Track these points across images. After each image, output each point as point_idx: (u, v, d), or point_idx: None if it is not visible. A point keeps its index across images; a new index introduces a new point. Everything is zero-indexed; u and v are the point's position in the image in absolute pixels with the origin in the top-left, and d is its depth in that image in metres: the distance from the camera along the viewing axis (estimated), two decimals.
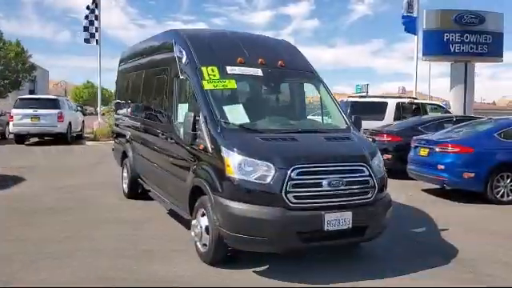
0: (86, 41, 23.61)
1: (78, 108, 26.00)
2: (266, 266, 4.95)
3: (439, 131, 10.59)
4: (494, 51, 20.77)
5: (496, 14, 21.09)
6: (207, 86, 5.45)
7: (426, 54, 21.04)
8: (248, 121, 5.27)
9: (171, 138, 5.98)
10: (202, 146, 5.04)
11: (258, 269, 4.89)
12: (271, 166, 4.50)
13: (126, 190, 8.36)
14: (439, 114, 14.38)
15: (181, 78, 5.85)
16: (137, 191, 8.21)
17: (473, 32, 20.24)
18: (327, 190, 4.58)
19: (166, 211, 7.27)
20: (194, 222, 5.18)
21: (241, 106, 5.49)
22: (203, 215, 5.04)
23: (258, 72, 5.85)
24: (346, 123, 5.80)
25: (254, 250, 4.79)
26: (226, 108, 5.32)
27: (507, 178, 8.59)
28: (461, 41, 20.20)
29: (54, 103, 19.53)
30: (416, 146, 9.65)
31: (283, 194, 4.43)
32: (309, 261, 5.11)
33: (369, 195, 4.81)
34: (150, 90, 7.22)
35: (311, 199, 4.53)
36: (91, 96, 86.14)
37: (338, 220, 4.57)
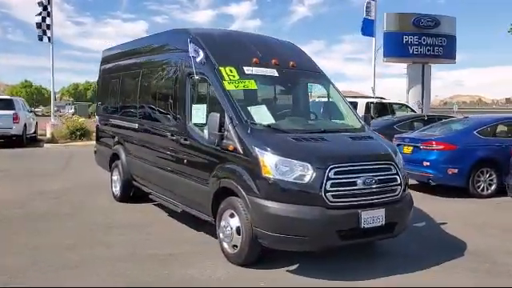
0: (40, 38, 22.53)
1: (31, 109, 24.81)
2: (297, 265, 4.99)
3: (415, 130, 11.06)
4: (448, 53, 21.89)
5: (450, 17, 22.23)
6: (229, 86, 5.41)
7: (387, 56, 21.84)
8: (273, 121, 5.29)
9: (185, 139, 5.87)
10: (231, 147, 4.99)
11: (289, 268, 4.92)
12: (309, 165, 4.55)
13: (118, 193, 8.10)
14: (411, 114, 14.97)
15: (196, 78, 5.77)
16: (129, 194, 8.00)
17: (429, 35, 21.22)
18: (362, 189, 4.69)
19: (166, 214, 7.16)
20: (222, 223, 5.12)
21: (264, 106, 5.49)
22: (232, 216, 5.00)
23: (274, 72, 5.89)
24: (360, 122, 5.95)
25: (291, 249, 4.82)
26: (250, 109, 5.31)
27: (486, 173, 9.11)
28: (418, 43, 21.13)
29: (8, 104, 18.53)
30: (399, 144, 9.98)
31: (323, 193, 4.49)
32: (333, 258, 5.18)
33: (396, 193, 4.97)
34: (152, 90, 7.04)
35: (348, 198, 4.62)
36: (29, 96, 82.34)
37: (373, 217, 4.69)
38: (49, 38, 22.44)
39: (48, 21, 22.33)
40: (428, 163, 9.09)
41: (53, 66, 22.73)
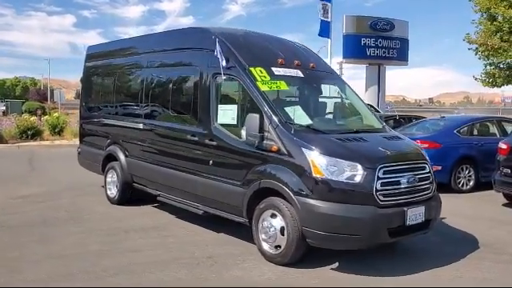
0: None
1: None
2: (337, 263, 5.08)
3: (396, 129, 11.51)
4: (401, 56, 22.88)
5: (403, 21, 23.23)
6: (263, 87, 5.41)
7: (346, 57, 22.50)
8: (310, 122, 5.34)
9: (210, 140, 5.77)
10: (274, 148, 4.99)
11: (332, 266, 5.01)
12: (359, 166, 4.66)
13: (115, 196, 7.81)
14: (381, 114, 15.52)
15: (223, 78, 5.70)
16: (128, 197, 7.74)
17: (385, 37, 22.06)
18: (406, 187, 4.88)
19: (173, 216, 7.02)
20: (263, 224, 5.11)
21: (299, 107, 5.53)
22: (273, 216, 5.01)
23: (299, 73, 5.95)
24: (381, 123, 6.15)
25: (341, 248, 4.93)
26: (287, 109, 5.33)
27: (466, 169, 9.73)
28: (375, 45, 21.92)
29: None
30: None
31: (374, 192, 4.62)
32: (365, 254, 5.30)
33: (430, 190, 5.21)
34: (164, 89, 6.85)
35: (395, 196, 4.79)
36: None
37: (416, 215, 4.89)
38: None
39: None
40: None
41: None
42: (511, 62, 15.44)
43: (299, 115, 5.29)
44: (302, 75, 5.95)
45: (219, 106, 5.81)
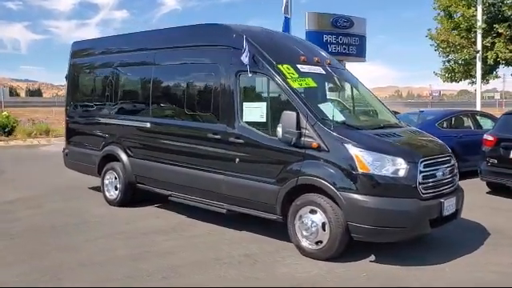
0: None
1: None
2: (373, 256, 5.21)
3: None
4: (360, 52, 23.57)
5: (362, 19, 23.93)
6: (294, 84, 5.43)
7: None
8: (343, 118, 5.43)
9: (236, 138, 5.72)
10: (315, 145, 5.03)
11: (369, 258, 5.14)
12: (402, 160, 4.81)
13: (116, 197, 7.56)
14: None
15: (249, 75, 5.66)
16: (130, 198, 7.51)
17: (345, 34, 22.64)
18: (441, 180, 5.11)
19: (184, 216, 6.92)
20: (302, 220, 5.14)
21: (330, 103, 5.60)
22: (313, 212, 5.07)
23: (321, 70, 6.03)
24: (396, 118, 6.35)
25: (385, 241, 5.05)
26: (320, 106, 5.39)
27: None
28: (336, 42, 22.44)
29: None
30: None
31: (417, 185, 4.79)
32: (394, 247, 5.46)
33: (455, 182, 5.47)
34: (178, 87, 6.68)
35: (433, 188, 5.00)
36: None
37: (450, 205, 5.14)
38: None
39: None
40: None
41: None
42: (468, 58, 16.35)
43: (332, 112, 5.36)
44: (324, 72, 6.04)
45: (244, 103, 5.76)
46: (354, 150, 4.84)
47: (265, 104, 5.62)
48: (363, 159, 4.78)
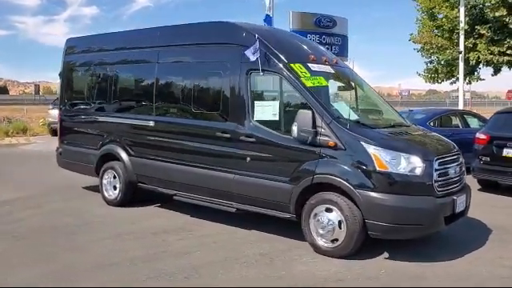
0: None
1: None
2: (385, 253, 5.28)
3: None
4: (342, 52, 23.73)
5: (344, 19, 24.18)
6: (307, 83, 5.45)
7: None
8: (357, 117, 5.48)
9: (248, 137, 5.70)
10: (331, 143, 5.06)
11: (384, 256, 5.20)
12: (418, 158, 4.89)
13: (116, 198, 7.42)
14: None
15: (260, 74, 5.66)
16: (131, 197, 7.40)
17: (328, 34, 22.83)
18: (453, 177, 5.21)
19: (188, 216, 6.86)
20: (317, 218, 5.16)
21: (343, 102, 5.64)
22: (329, 211, 5.10)
23: (330, 69, 6.07)
24: (402, 117, 6.44)
25: (403, 238, 5.13)
26: (334, 105, 5.43)
27: None
28: (320, 41, 22.48)
29: None
30: None
31: (433, 183, 4.88)
32: (407, 244, 5.55)
33: (464, 179, 5.59)
34: (184, 85, 6.60)
35: (447, 186, 5.10)
36: None
37: (461, 202, 5.26)
38: None
39: None
40: None
41: None
42: (450, 60, 16.74)
43: (346, 111, 5.40)
44: (333, 71, 6.08)
45: (256, 102, 5.74)
46: (371, 149, 4.89)
47: (277, 103, 5.62)
48: (381, 157, 4.84)
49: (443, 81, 17.76)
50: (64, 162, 8.55)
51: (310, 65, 5.76)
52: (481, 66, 16.84)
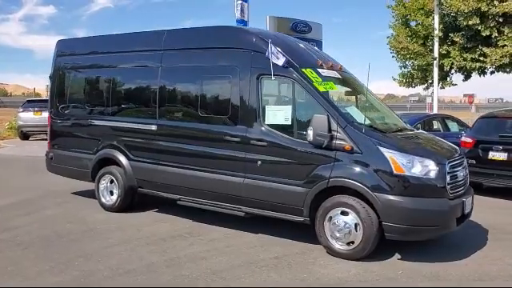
0: None
1: None
2: (397, 254, 5.42)
3: None
4: None
5: (318, 24, 24.48)
6: (320, 88, 5.53)
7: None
8: (369, 122, 5.60)
9: (259, 141, 5.73)
10: (347, 147, 5.16)
11: (397, 256, 5.34)
12: (432, 162, 5.05)
13: (115, 203, 7.30)
14: None
15: (272, 79, 5.71)
16: (130, 203, 7.30)
17: (304, 39, 23.05)
18: (461, 180, 5.41)
19: (190, 220, 6.83)
20: (332, 221, 5.24)
21: (354, 107, 5.75)
22: (344, 214, 5.19)
23: (337, 74, 6.18)
24: (404, 122, 6.63)
25: (417, 239, 5.29)
26: (348, 109, 5.53)
27: None
28: None
29: None
30: None
31: (446, 186, 5.06)
32: (413, 245, 5.73)
33: (468, 182, 5.81)
34: (186, 89, 6.59)
35: (457, 188, 5.29)
36: None
37: (469, 204, 5.46)
38: None
39: None
40: None
41: None
42: (425, 65, 17.27)
43: (358, 115, 5.52)
44: (340, 76, 6.19)
45: (267, 106, 5.79)
46: (388, 153, 5.02)
47: (289, 107, 5.68)
48: (398, 161, 4.97)
49: (417, 85, 18.31)
50: (55, 167, 8.30)
51: (319, 70, 5.86)
52: (453, 71, 17.44)
